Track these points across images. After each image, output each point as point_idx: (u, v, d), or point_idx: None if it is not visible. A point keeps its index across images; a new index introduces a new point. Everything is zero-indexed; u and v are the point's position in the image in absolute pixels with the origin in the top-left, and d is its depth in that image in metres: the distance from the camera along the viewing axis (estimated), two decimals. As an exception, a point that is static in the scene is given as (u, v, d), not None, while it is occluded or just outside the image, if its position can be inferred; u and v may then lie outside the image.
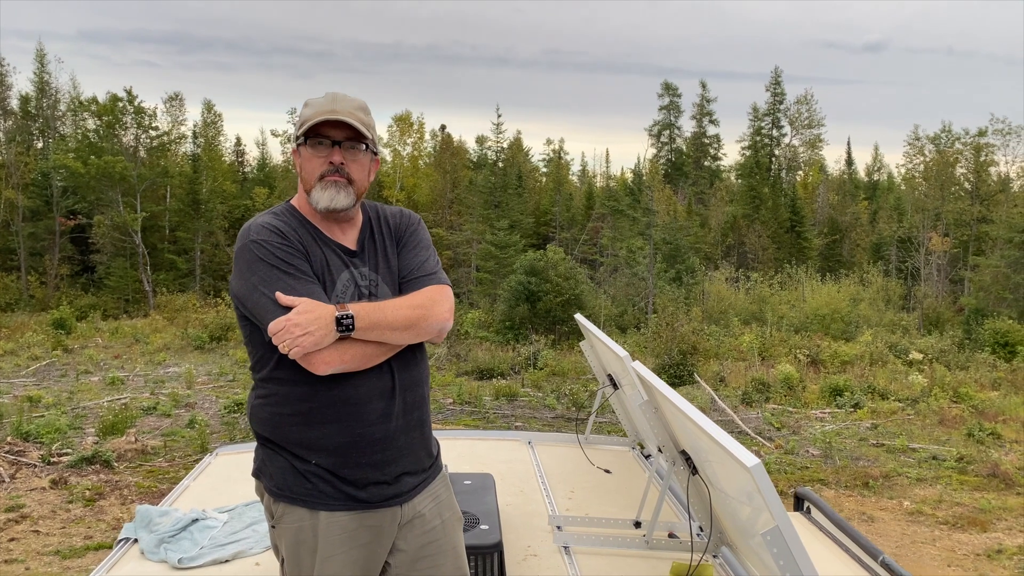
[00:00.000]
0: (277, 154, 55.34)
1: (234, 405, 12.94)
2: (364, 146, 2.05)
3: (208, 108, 50.45)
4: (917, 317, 30.92)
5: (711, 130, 60.05)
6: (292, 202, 2.14)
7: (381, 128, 47.80)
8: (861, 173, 62.87)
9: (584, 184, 59.72)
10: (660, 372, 16.06)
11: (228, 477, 3.90)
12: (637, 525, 3.28)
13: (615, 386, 4.08)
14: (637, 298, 30.40)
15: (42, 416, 11.93)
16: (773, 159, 55.62)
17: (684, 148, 60.36)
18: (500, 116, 48.70)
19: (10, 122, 41.68)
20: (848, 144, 69.72)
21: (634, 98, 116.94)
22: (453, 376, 16.64)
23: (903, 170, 45.73)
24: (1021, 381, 17.74)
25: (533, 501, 3.63)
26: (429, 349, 2.23)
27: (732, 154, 79.58)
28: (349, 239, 2.12)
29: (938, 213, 38.55)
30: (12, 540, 7.30)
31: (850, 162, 61.04)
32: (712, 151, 60.44)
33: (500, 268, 32.55)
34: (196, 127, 46.51)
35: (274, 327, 1.87)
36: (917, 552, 7.80)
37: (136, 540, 3.11)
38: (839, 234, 47.13)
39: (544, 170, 58.56)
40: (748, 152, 55.15)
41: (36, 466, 9.57)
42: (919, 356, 20.21)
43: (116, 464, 9.71)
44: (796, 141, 56.34)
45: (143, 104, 38.06)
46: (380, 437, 2.03)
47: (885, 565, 2.82)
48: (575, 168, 64.94)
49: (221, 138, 51.81)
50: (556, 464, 4.17)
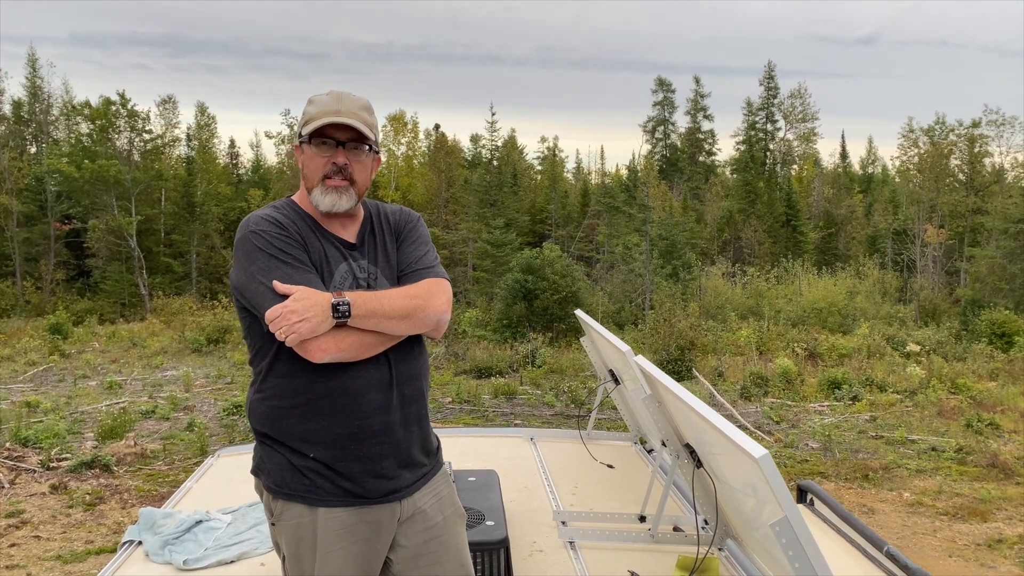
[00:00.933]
0: (271, 156, 55.37)
1: (233, 407, 12.91)
2: (367, 147, 2.08)
3: (201, 110, 50.43)
4: (914, 309, 30.99)
5: (705, 125, 60.21)
6: (293, 197, 2.17)
7: (375, 128, 47.56)
8: (856, 166, 63.11)
9: (579, 181, 59.69)
10: (658, 368, 16.03)
11: (230, 478, 3.89)
12: (642, 519, 3.29)
13: (616, 381, 4.08)
14: (634, 294, 30.40)
15: (40, 421, 11.90)
16: (768, 153, 55.63)
17: (679, 144, 60.40)
18: (494, 114, 48.96)
19: (3, 127, 41.55)
20: (842, 137, 70.05)
21: (628, 94, 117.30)
22: (451, 375, 16.63)
23: (898, 162, 45.78)
24: (1018, 371, 17.78)
25: (537, 497, 3.63)
26: (428, 348, 2.23)
27: (727, 149, 79.61)
28: (349, 233, 2.13)
29: (933, 205, 38.59)
30: (13, 546, 7.28)
31: (844, 155, 61.24)
32: (707, 146, 60.55)
33: (497, 267, 32.52)
34: (190, 130, 46.35)
35: (271, 314, 1.88)
36: (918, 543, 7.82)
37: (140, 542, 3.11)
38: (835, 227, 47.19)
39: (539, 168, 58.51)
40: (743, 147, 55.16)
41: (35, 471, 9.54)
42: (916, 348, 20.24)
43: (116, 468, 9.69)
44: (790, 135, 56.35)
45: (136, 107, 38.05)
46: (378, 429, 2.03)
47: (890, 555, 2.82)
48: (570, 165, 65.08)
49: (215, 140, 51.81)
50: (559, 460, 4.17)
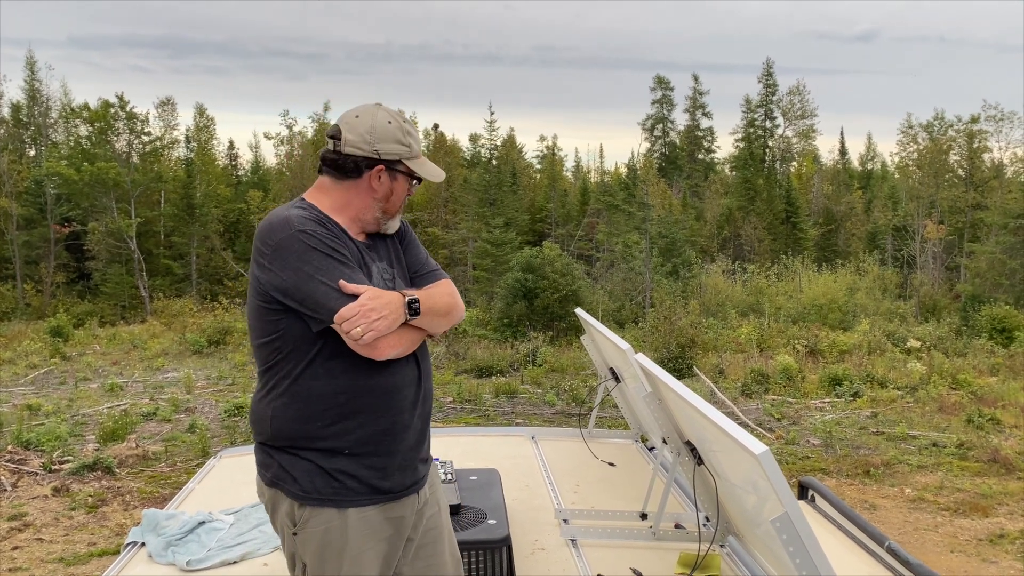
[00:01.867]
0: (271, 157, 55.30)
1: (234, 409, 12.91)
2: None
3: (200, 112, 50.35)
4: (914, 305, 30.97)
5: (704, 123, 60.09)
6: (309, 200, 2.09)
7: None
8: (855, 162, 62.98)
9: (579, 180, 59.60)
10: (659, 366, 16.03)
11: (233, 479, 3.90)
12: (643, 517, 3.29)
13: (617, 380, 4.08)
14: (634, 293, 30.40)
15: (42, 424, 11.91)
16: (767, 150, 55.59)
17: (678, 142, 60.34)
18: (493, 114, 49.01)
19: (2, 130, 41.53)
20: (841, 134, 69.68)
21: (627, 93, 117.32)
22: (452, 375, 16.64)
23: (897, 158, 45.72)
24: (1019, 366, 17.78)
25: (539, 495, 3.64)
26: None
27: (726, 146, 79.44)
28: (361, 236, 2.15)
29: (933, 201, 38.57)
30: (16, 548, 7.29)
31: (844, 152, 61.11)
32: (706, 144, 60.47)
33: (496, 266, 32.49)
34: (189, 131, 46.32)
35: (347, 312, 1.88)
36: (920, 539, 7.83)
37: (143, 544, 3.11)
38: (834, 224, 47.15)
39: (538, 167, 58.45)
40: (742, 144, 55.12)
41: (38, 474, 9.55)
42: (917, 344, 20.24)
43: (117, 470, 9.71)
44: (789, 132, 56.29)
45: (135, 109, 37.89)
46: (409, 424, 2.08)
47: (891, 551, 2.83)
48: (569, 164, 64.87)
49: (214, 142, 51.70)
50: (560, 458, 4.17)
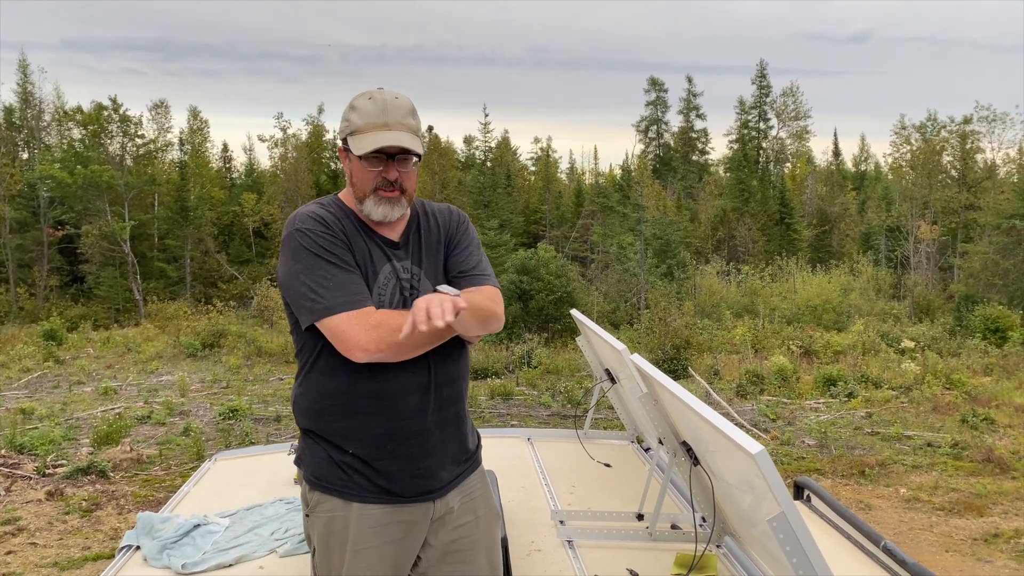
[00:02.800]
0: (265, 159, 55.13)
1: (228, 412, 12.88)
2: (416, 158, 2.04)
3: (194, 115, 50.25)
4: (908, 305, 31.08)
5: (698, 124, 60.22)
6: (339, 195, 2.14)
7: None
8: (848, 164, 63.33)
9: (573, 182, 59.75)
10: (654, 367, 16.06)
11: (228, 482, 3.88)
12: (639, 518, 3.29)
13: (613, 380, 4.08)
14: (629, 294, 30.45)
15: (35, 428, 11.85)
16: (761, 152, 55.76)
17: (672, 143, 60.44)
18: (487, 116, 48.85)
19: (-6, 133, 41.40)
20: (835, 135, 70.25)
21: (621, 94, 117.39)
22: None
23: (890, 159, 46.04)
24: (1013, 366, 17.85)
25: (535, 497, 3.63)
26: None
27: (720, 148, 79.89)
28: (394, 232, 2.11)
29: (926, 201, 38.72)
30: (9, 553, 7.25)
31: (837, 153, 61.38)
32: (700, 145, 60.58)
33: (491, 267, 32.50)
34: (182, 134, 46.30)
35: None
36: (915, 538, 7.84)
37: (138, 547, 3.10)
38: (828, 225, 47.31)
39: (532, 169, 58.56)
40: (735, 145, 55.30)
41: (31, 478, 9.50)
42: (911, 344, 20.31)
43: (112, 474, 9.66)
44: (783, 133, 56.51)
45: (128, 112, 37.83)
46: (416, 430, 2.04)
47: (887, 550, 2.83)
48: (563, 166, 65.08)
49: (208, 144, 51.64)
50: (556, 460, 4.17)
